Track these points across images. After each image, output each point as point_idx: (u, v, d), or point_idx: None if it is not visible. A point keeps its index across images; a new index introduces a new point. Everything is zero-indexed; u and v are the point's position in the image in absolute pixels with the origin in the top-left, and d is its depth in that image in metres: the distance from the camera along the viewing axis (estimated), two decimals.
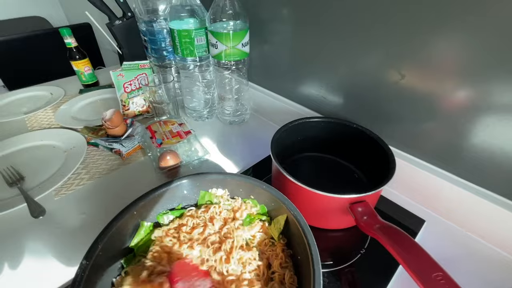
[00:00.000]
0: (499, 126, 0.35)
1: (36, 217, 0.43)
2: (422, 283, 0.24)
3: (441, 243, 0.41)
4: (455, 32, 0.34)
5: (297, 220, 0.30)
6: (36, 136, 0.62)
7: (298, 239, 0.30)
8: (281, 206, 0.33)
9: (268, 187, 0.35)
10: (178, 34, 0.55)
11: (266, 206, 0.36)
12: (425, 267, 0.25)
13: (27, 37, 1.08)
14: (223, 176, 0.37)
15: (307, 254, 0.27)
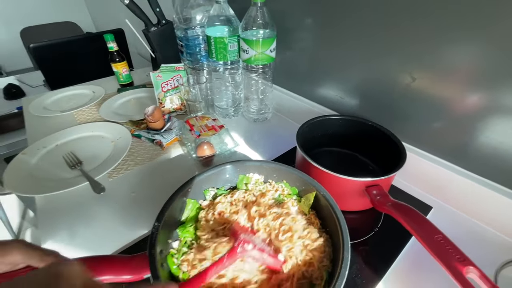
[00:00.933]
0: (507, 126, 0.40)
1: (98, 193, 0.51)
2: (427, 244, 0.30)
3: (447, 226, 0.45)
4: (467, 40, 0.40)
5: (325, 197, 0.37)
6: (86, 128, 0.72)
7: (326, 211, 0.36)
8: (311, 187, 0.40)
9: (299, 172, 0.41)
10: (214, 41, 0.63)
11: (297, 188, 0.43)
12: (428, 232, 0.31)
13: (68, 41, 1.20)
14: (260, 163, 0.44)
15: (335, 222, 0.34)
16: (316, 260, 0.33)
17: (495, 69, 0.38)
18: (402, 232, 0.43)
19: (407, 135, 0.52)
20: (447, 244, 0.29)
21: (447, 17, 0.40)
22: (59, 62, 1.16)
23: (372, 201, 0.41)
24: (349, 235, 0.32)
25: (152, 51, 0.98)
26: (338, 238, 0.33)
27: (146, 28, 0.91)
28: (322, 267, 0.34)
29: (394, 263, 0.40)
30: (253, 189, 0.44)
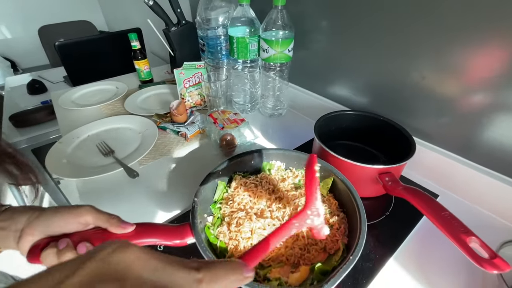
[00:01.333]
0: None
1: (133, 177, 0.57)
2: (435, 219, 0.35)
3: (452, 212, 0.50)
4: (475, 41, 0.44)
5: (343, 180, 0.41)
6: (114, 120, 0.77)
7: (343, 193, 0.41)
8: (329, 173, 0.44)
9: (319, 159, 0.46)
10: (236, 40, 0.68)
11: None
12: (436, 209, 0.35)
13: (91, 40, 1.26)
14: (283, 151, 0.49)
15: (352, 203, 0.38)
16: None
17: (501, 68, 0.42)
18: (411, 216, 0.48)
19: (416, 129, 0.56)
20: (452, 219, 0.34)
21: (455, 19, 0.44)
22: (82, 59, 1.22)
23: (384, 186, 0.45)
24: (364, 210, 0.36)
25: (172, 49, 1.03)
26: (355, 214, 0.37)
27: (167, 28, 0.97)
28: (335, 241, 0.38)
29: (404, 242, 0.45)
30: (275, 174, 0.48)
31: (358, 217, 0.37)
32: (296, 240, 0.38)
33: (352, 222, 0.39)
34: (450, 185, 0.54)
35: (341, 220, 0.41)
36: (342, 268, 0.32)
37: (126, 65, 1.20)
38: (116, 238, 0.32)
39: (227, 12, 0.78)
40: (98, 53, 1.26)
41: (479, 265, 0.29)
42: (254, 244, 0.33)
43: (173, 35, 0.97)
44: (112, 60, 1.30)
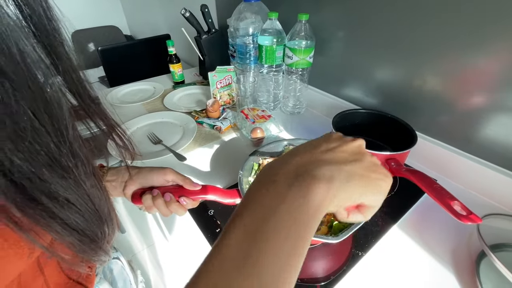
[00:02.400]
0: (506, 119, 0.53)
1: (182, 161, 0.69)
2: (428, 190, 0.45)
3: None
4: (473, 47, 0.55)
5: None
6: (158, 115, 0.90)
7: None
8: None
9: None
10: (265, 48, 0.80)
11: None
12: (429, 182, 0.46)
13: (128, 45, 1.40)
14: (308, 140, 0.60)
15: None
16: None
17: (498, 72, 0.52)
18: (412, 195, 0.58)
19: (419, 125, 0.67)
20: (441, 189, 0.44)
21: (453, 27, 0.55)
22: (119, 62, 1.37)
23: (390, 170, 0.56)
24: None
25: (201, 54, 1.16)
26: None
27: (199, 35, 1.10)
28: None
29: (406, 214, 0.55)
30: None
31: None
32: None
33: None
34: (448, 172, 0.64)
35: None
36: (354, 225, 0.42)
37: (157, 67, 1.35)
38: (188, 193, 0.44)
39: (254, 23, 0.90)
40: (132, 56, 1.41)
41: (458, 219, 0.40)
42: None
43: (204, 42, 1.10)
44: (145, 63, 1.44)
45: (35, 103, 0.20)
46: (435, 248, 0.49)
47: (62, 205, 0.23)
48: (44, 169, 0.21)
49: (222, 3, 1.21)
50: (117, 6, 2.76)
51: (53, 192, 0.22)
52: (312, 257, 0.47)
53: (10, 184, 0.20)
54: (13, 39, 0.18)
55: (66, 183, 0.23)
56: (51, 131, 0.21)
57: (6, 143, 0.19)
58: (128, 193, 0.44)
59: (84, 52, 2.17)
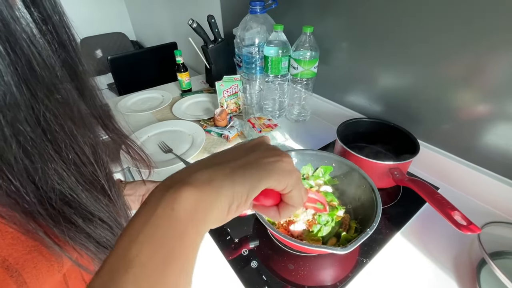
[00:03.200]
0: (506, 129, 0.55)
1: None
2: (429, 200, 0.47)
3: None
4: (470, 56, 0.57)
5: (362, 175, 0.55)
6: (167, 124, 0.93)
7: (363, 185, 0.54)
8: (354, 168, 0.58)
9: (344, 159, 0.60)
10: (270, 59, 0.83)
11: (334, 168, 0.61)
12: (430, 192, 0.48)
13: (136, 53, 1.44)
14: (315, 151, 0.63)
15: (370, 191, 0.52)
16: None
17: (498, 81, 0.53)
18: (415, 203, 0.60)
19: (421, 134, 0.69)
20: (442, 199, 0.46)
21: (456, 37, 0.57)
22: (127, 70, 1.40)
23: (393, 178, 0.58)
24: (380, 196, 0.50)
25: (208, 63, 1.19)
26: (372, 200, 0.50)
27: (205, 44, 1.13)
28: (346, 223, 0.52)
29: (408, 222, 0.57)
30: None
31: (375, 201, 0.50)
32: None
33: (369, 206, 0.52)
34: (449, 180, 0.66)
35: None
36: (361, 236, 0.44)
37: (165, 74, 1.38)
38: None
39: (259, 33, 0.92)
40: (140, 64, 1.45)
41: (459, 229, 0.42)
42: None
43: (210, 51, 1.13)
44: (152, 70, 1.48)
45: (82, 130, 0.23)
46: (437, 255, 0.51)
47: (96, 225, 0.25)
48: (83, 194, 0.23)
49: (228, 13, 1.24)
50: (123, 13, 2.81)
51: (89, 214, 0.24)
52: (320, 266, 0.49)
53: (52, 211, 0.22)
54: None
55: (101, 204, 0.25)
56: (91, 157, 0.24)
57: (54, 176, 0.21)
58: None
59: (92, 58, 2.22)
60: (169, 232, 0.18)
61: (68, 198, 0.23)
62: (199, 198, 0.20)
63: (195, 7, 1.45)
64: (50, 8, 0.22)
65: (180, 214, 0.19)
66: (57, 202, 0.22)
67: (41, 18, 0.21)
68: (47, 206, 0.21)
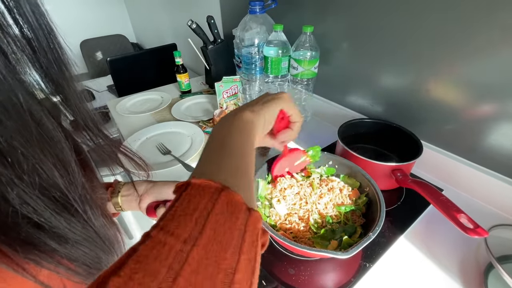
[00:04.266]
0: (511, 128, 0.54)
1: (190, 171, 0.71)
2: (435, 202, 0.46)
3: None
4: (474, 57, 0.56)
5: (365, 176, 0.53)
6: (166, 125, 0.92)
7: (366, 186, 0.53)
8: (357, 170, 0.56)
9: (346, 160, 0.58)
10: (270, 60, 0.82)
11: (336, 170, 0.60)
12: (435, 194, 0.47)
13: (136, 55, 1.44)
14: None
15: (374, 193, 0.50)
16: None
17: (501, 81, 0.52)
18: (419, 205, 0.59)
19: (424, 134, 0.67)
20: (447, 202, 0.45)
21: (458, 37, 0.56)
22: (127, 71, 1.40)
23: (396, 180, 0.57)
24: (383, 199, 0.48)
25: (208, 64, 1.18)
26: (376, 202, 0.49)
27: (205, 45, 1.12)
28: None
29: (412, 224, 0.56)
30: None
31: (378, 204, 0.48)
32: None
33: (373, 208, 0.51)
34: (453, 182, 0.65)
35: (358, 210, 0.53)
36: (364, 240, 0.43)
37: (164, 75, 1.38)
38: None
39: (259, 33, 0.91)
40: (140, 65, 1.44)
41: (465, 233, 0.40)
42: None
43: (210, 52, 1.12)
44: (152, 71, 1.47)
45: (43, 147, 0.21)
46: (442, 259, 0.50)
47: (74, 247, 0.23)
48: (53, 217, 0.21)
49: (228, 14, 1.23)
50: (124, 15, 2.81)
51: (63, 237, 0.22)
52: (321, 271, 0.48)
53: (20, 235, 0.20)
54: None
55: (76, 227, 0.23)
56: (60, 180, 0.22)
57: (16, 201, 0.19)
58: (143, 206, 0.46)
59: (92, 60, 2.21)
60: (243, 129, 0.33)
61: (37, 222, 0.21)
62: (251, 115, 0.34)
63: (195, 8, 1.45)
64: (32, 15, 0.20)
65: (247, 119, 0.34)
66: (24, 226, 0.20)
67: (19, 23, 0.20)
68: (13, 231, 0.19)
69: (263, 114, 0.36)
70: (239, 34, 0.91)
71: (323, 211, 0.51)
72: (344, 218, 0.51)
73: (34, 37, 0.21)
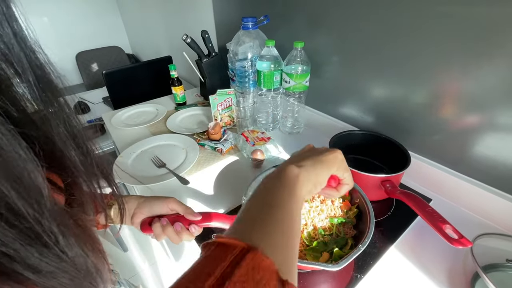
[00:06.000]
0: (495, 139, 0.55)
1: (185, 184, 0.71)
2: (421, 213, 0.47)
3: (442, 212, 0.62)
4: (458, 70, 0.58)
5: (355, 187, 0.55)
6: (161, 138, 0.93)
7: (355, 195, 0.54)
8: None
9: None
10: (263, 74, 0.84)
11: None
12: (422, 206, 0.48)
13: (131, 67, 1.46)
14: None
15: (364, 204, 0.52)
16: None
17: (486, 93, 0.54)
18: (408, 215, 0.60)
19: (412, 145, 0.69)
20: (433, 213, 0.46)
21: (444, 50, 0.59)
22: (122, 84, 1.41)
23: (386, 191, 0.58)
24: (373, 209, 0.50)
25: (202, 76, 1.20)
26: (366, 213, 0.50)
27: (200, 59, 1.15)
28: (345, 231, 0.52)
29: (402, 234, 0.57)
30: None
31: (368, 216, 0.50)
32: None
33: (364, 219, 0.52)
34: (441, 191, 0.66)
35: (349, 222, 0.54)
36: (354, 251, 0.44)
37: (160, 88, 1.39)
38: (190, 222, 0.46)
39: (252, 47, 0.93)
40: (135, 78, 1.46)
41: (450, 243, 0.42)
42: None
43: (205, 65, 1.14)
44: (147, 84, 1.49)
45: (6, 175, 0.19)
46: (431, 269, 0.51)
47: (48, 277, 0.22)
48: (23, 248, 0.20)
49: (222, 28, 1.27)
50: (119, 27, 2.85)
51: (35, 268, 0.21)
52: (313, 283, 0.49)
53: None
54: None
55: (48, 258, 0.22)
56: (29, 211, 0.20)
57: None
58: (136, 221, 0.46)
59: (87, 71, 2.23)
60: (288, 186, 0.31)
61: (6, 253, 0.19)
62: (297, 170, 0.33)
63: (190, 21, 1.48)
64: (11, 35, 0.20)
65: (290, 176, 0.32)
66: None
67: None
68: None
69: (316, 173, 0.34)
70: (232, 48, 0.94)
71: (318, 223, 0.53)
72: (336, 230, 0.52)
73: (16, 60, 0.22)
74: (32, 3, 2.17)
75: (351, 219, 0.54)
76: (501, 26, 0.49)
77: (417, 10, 0.58)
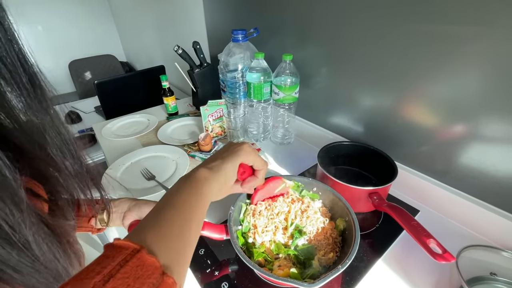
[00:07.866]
0: (477, 152, 0.57)
1: None
2: (406, 226, 0.48)
3: (430, 223, 0.62)
4: (443, 81, 0.60)
5: (340, 199, 0.55)
6: (151, 149, 0.93)
7: (342, 210, 0.55)
8: (331, 192, 0.58)
9: (324, 184, 0.60)
10: (252, 86, 0.85)
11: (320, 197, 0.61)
12: (407, 219, 0.49)
13: (123, 77, 1.46)
14: (303, 178, 0.63)
15: (349, 217, 0.52)
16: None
17: (471, 104, 0.54)
18: (396, 228, 0.60)
19: (400, 156, 0.70)
20: (418, 226, 0.47)
21: (430, 62, 0.60)
22: (114, 94, 1.41)
23: (373, 203, 0.59)
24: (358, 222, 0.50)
25: (194, 87, 1.21)
26: (351, 226, 0.50)
27: (191, 69, 1.15)
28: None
29: (390, 247, 0.57)
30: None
31: (353, 227, 0.50)
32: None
33: (350, 232, 0.52)
34: (429, 203, 0.67)
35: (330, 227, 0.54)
36: (332, 272, 0.41)
37: (152, 97, 1.39)
38: None
39: (242, 59, 0.94)
40: (127, 88, 1.46)
41: (434, 258, 0.42)
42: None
43: (196, 75, 1.15)
44: (140, 93, 1.49)
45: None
46: (418, 283, 0.51)
47: (25, 277, 0.25)
48: (5, 251, 0.23)
49: (214, 39, 1.28)
50: (113, 35, 2.86)
51: (12, 268, 0.24)
52: None
53: None
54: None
55: (24, 261, 0.24)
56: (7, 220, 0.23)
57: None
58: (126, 223, 0.47)
59: (80, 80, 2.22)
60: (194, 187, 0.34)
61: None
62: (207, 173, 0.37)
63: (183, 31, 1.50)
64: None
65: (200, 177, 0.36)
66: None
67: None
68: None
69: (223, 170, 0.38)
70: (223, 59, 0.95)
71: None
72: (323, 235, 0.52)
73: (9, 70, 0.24)
74: (26, 11, 2.17)
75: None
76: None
77: (405, 22, 0.59)
